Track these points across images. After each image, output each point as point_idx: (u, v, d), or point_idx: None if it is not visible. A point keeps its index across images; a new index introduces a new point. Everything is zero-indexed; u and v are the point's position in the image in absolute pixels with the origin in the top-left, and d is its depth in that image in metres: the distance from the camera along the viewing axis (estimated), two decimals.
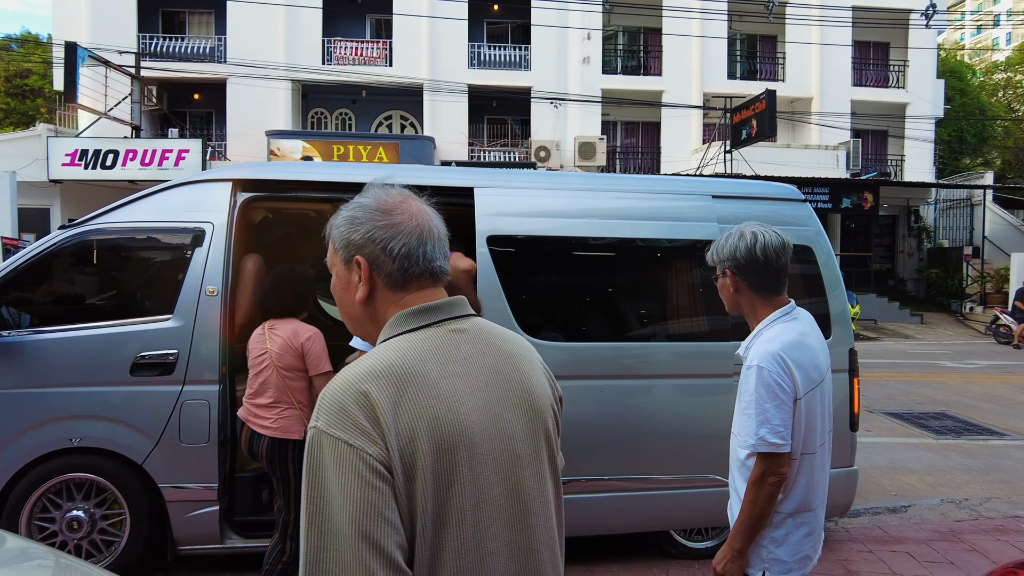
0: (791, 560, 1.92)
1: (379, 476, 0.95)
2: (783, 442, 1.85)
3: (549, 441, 1.15)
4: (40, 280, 3.58)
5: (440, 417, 1.00)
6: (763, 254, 1.97)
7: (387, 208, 1.13)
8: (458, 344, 1.09)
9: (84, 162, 15.44)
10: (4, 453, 3.26)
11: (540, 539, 1.10)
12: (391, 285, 1.12)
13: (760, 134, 16.72)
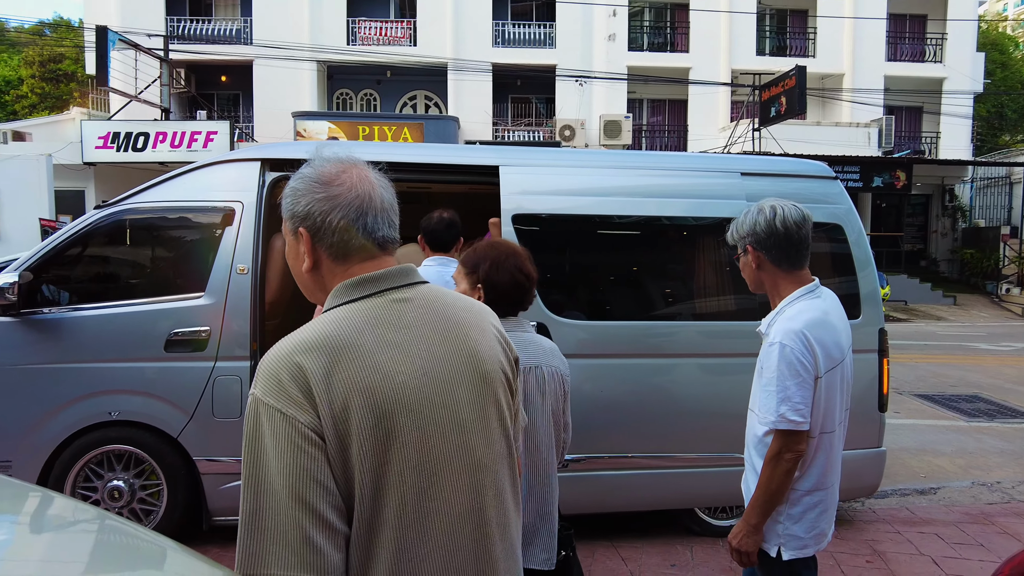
0: (807, 536, 1.93)
1: (311, 443, 0.99)
2: (803, 420, 1.84)
3: (499, 405, 1.16)
4: (77, 259, 3.68)
5: (374, 387, 1.03)
6: (783, 226, 1.94)
7: (326, 179, 1.13)
8: (401, 313, 1.11)
9: (116, 145, 15.74)
10: (49, 425, 3.39)
11: (487, 500, 1.11)
12: (333, 256, 1.14)
13: (789, 111, 16.38)
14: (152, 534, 1.40)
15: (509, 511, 1.18)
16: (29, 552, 1.36)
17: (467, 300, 1.24)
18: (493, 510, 1.13)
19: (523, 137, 20.26)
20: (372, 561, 1.03)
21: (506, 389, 1.20)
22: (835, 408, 1.94)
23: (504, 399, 1.18)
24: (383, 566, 1.03)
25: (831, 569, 3.46)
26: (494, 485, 1.14)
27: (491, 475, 1.13)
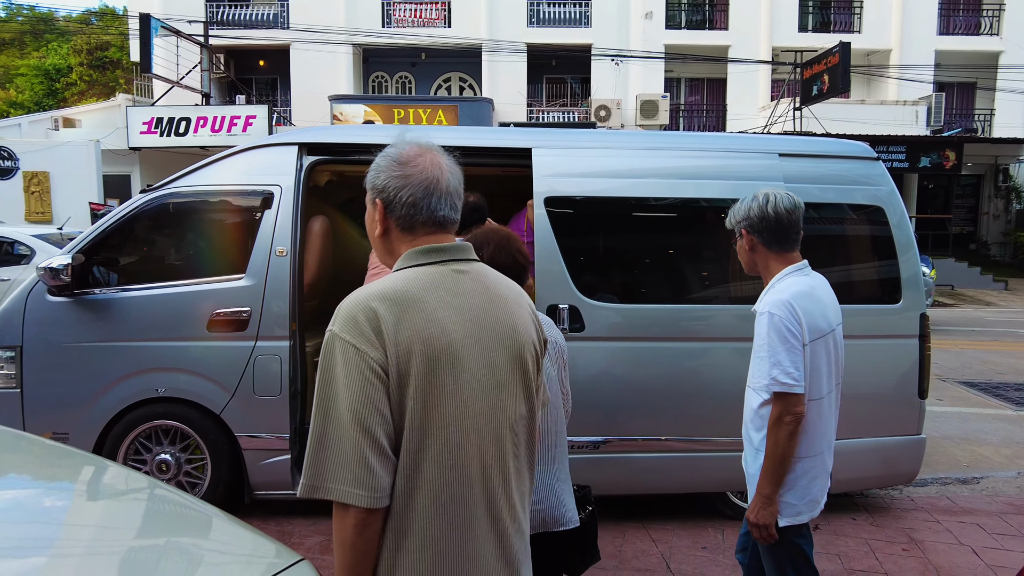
0: (800, 503, 2.05)
1: (377, 376, 1.16)
2: (795, 382, 1.97)
3: (527, 374, 1.33)
4: (125, 241, 3.81)
5: (433, 337, 1.19)
6: (774, 211, 2.11)
7: (403, 160, 1.30)
8: (458, 281, 1.27)
9: (159, 130, 16.14)
10: (102, 400, 3.55)
11: (508, 450, 1.28)
12: (401, 227, 1.31)
13: (832, 90, 15.87)
14: (199, 502, 1.48)
15: (523, 468, 1.34)
16: (86, 517, 1.44)
17: (509, 281, 1.39)
18: (512, 463, 1.29)
19: (558, 118, 20.11)
20: (415, 491, 1.18)
21: (534, 362, 1.35)
22: (821, 377, 2.06)
23: (531, 370, 1.34)
24: (426, 496, 1.18)
25: (865, 556, 3.43)
26: (514, 442, 1.30)
27: (514, 433, 1.30)
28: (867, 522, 3.85)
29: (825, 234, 3.94)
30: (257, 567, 1.17)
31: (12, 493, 1.59)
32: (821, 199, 3.80)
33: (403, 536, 1.19)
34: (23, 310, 3.57)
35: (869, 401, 3.73)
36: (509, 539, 1.28)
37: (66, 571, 1.20)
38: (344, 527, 1.16)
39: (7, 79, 33.12)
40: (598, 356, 3.58)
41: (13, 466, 1.80)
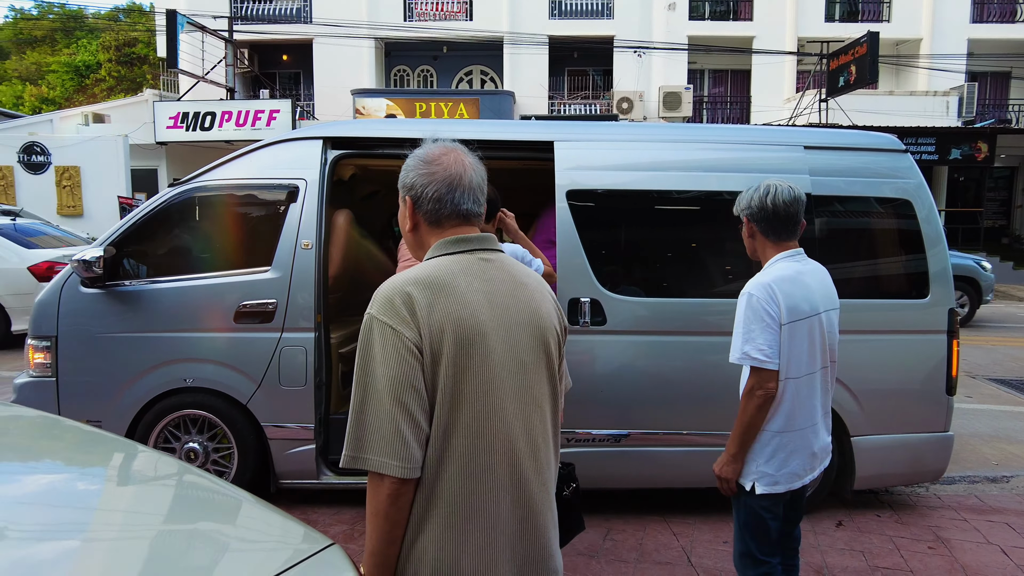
0: (777, 474, 2.20)
1: (412, 355, 1.25)
2: (767, 359, 2.12)
3: (549, 357, 1.41)
4: (154, 234, 3.89)
5: (463, 319, 1.28)
6: (772, 203, 2.24)
7: (429, 159, 1.40)
8: (484, 269, 1.36)
9: (185, 124, 16.38)
10: (133, 389, 3.64)
11: (535, 426, 1.37)
12: (429, 221, 1.41)
13: (860, 81, 15.59)
14: (230, 487, 1.51)
15: (549, 443, 1.42)
16: (120, 501, 1.49)
17: (531, 271, 1.49)
18: (540, 438, 1.38)
19: (579, 110, 20.00)
20: (445, 461, 1.27)
21: (556, 346, 1.44)
22: (802, 357, 2.18)
23: (554, 353, 1.43)
24: (455, 467, 1.27)
25: (890, 554, 3.39)
26: (541, 419, 1.39)
27: (539, 410, 1.39)
28: (892, 519, 3.81)
29: (851, 228, 3.89)
30: (287, 551, 1.20)
31: (47, 478, 1.64)
32: (847, 192, 3.75)
33: (432, 505, 1.27)
34: (58, 301, 3.67)
35: (895, 397, 3.69)
36: (536, 508, 1.35)
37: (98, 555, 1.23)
38: (378, 496, 1.24)
39: (39, 75, 33.81)
40: (620, 350, 3.58)
41: (49, 451, 1.86)
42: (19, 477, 1.63)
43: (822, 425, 2.28)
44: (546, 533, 1.38)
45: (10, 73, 35.15)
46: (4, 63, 36.45)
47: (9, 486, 1.54)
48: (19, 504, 1.40)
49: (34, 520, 1.33)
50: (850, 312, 3.63)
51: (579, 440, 3.59)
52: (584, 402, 3.58)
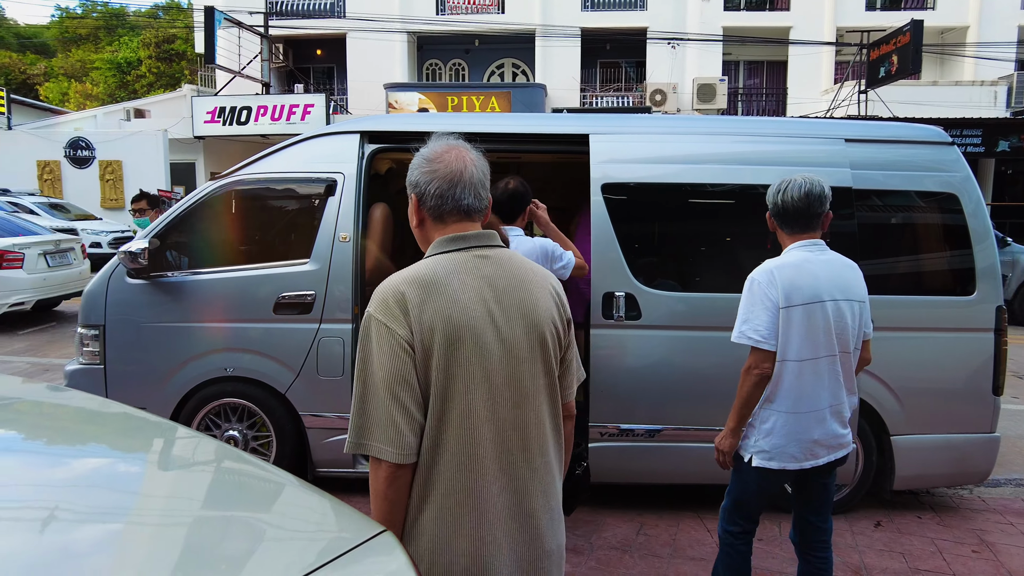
0: (772, 451, 2.31)
1: (404, 351, 1.34)
2: (762, 339, 2.26)
3: (545, 351, 1.47)
4: (195, 227, 3.98)
5: (454, 316, 1.36)
6: (782, 199, 2.37)
7: (431, 157, 1.47)
8: (479, 266, 1.43)
9: (222, 119, 16.68)
10: (175, 377, 3.74)
11: (529, 417, 1.44)
12: (433, 217, 1.49)
13: (902, 71, 15.14)
14: (281, 472, 1.55)
15: (547, 432, 1.49)
16: (165, 485, 1.54)
17: (535, 265, 1.55)
18: (533, 428, 1.45)
19: (612, 103, 19.84)
20: (439, 449, 1.37)
21: (555, 339, 1.49)
22: (801, 342, 2.26)
23: (552, 346, 1.48)
24: (449, 454, 1.36)
25: (932, 556, 3.32)
26: (535, 410, 1.45)
27: (533, 401, 1.45)
28: (934, 521, 3.73)
29: (894, 222, 3.80)
30: (340, 537, 1.22)
31: (94, 461, 1.69)
32: (890, 186, 3.66)
33: (429, 488, 1.37)
34: (105, 291, 3.79)
35: (939, 396, 3.61)
36: (527, 493, 1.43)
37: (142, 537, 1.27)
38: (378, 479, 1.36)
39: (84, 73, 34.78)
40: (654, 344, 3.56)
41: (95, 435, 1.92)
42: (67, 461, 1.69)
43: (830, 414, 2.32)
44: (536, 516, 1.44)
45: (57, 71, 36.22)
46: (51, 61, 37.56)
47: (58, 469, 1.60)
48: (68, 487, 1.45)
49: (82, 503, 1.37)
50: (891, 308, 3.57)
51: (612, 434, 3.59)
52: (618, 397, 3.58)
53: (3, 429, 1.93)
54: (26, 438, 1.86)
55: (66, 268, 9.00)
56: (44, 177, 16.98)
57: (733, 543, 2.49)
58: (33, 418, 2.03)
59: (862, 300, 2.37)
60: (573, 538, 3.43)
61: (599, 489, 3.91)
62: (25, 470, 1.57)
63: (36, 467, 1.61)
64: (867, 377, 3.53)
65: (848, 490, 3.76)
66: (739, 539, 2.48)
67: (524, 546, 1.43)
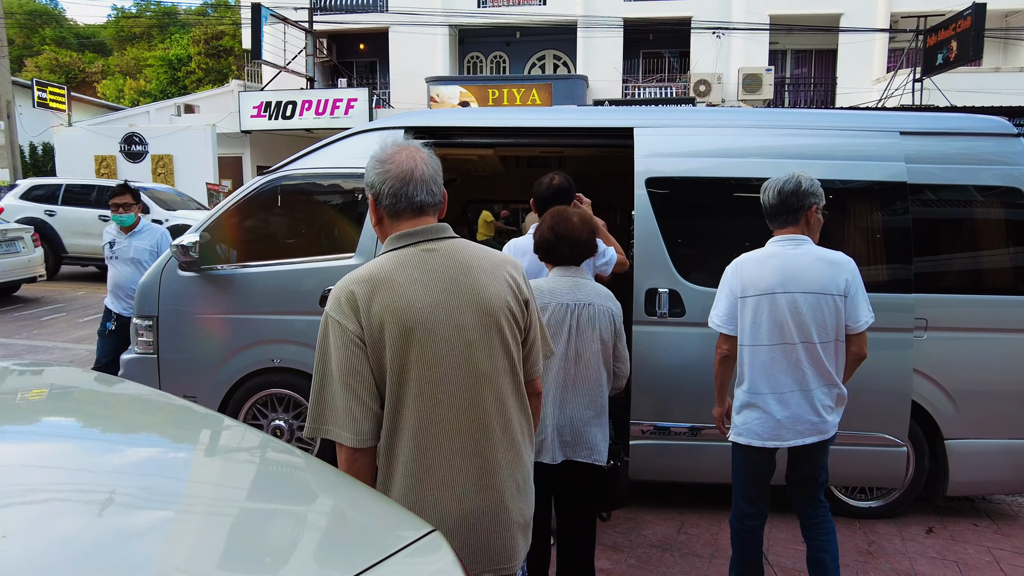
0: (741, 427, 2.56)
1: (356, 345, 1.47)
2: (721, 324, 2.59)
3: (502, 332, 1.56)
4: (244, 221, 4.08)
5: (401, 310, 1.48)
6: (763, 198, 2.61)
7: (383, 158, 1.58)
8: (426, 260, 1.54)
9: (268, 113, 17.04)
10: (225, 367, 3.85)
11: (487, 399, 1.54)
12: (389, 215, 1.59)
13: (961, 57, 14.50)
14: (318, 463, 1.58)
15: (510, 411, 1.58)
16: (212, 474, 1.58)
17: (489, 253, 1.64)
18: (493, 407, 1.54)
19: (654, 94, 19.54)
20: (398, 431, 1.50)
21: (510, 321, 1.59)
22: (755, 329, 2.49)
23: (508, 329, 1.58)
24: (407, 436, 1.49)
25: (988, 566, 3.20)
26: (495, 390, 1.55)
27: (492, 382, 1.55)
28: (990, 529, 3.59)
29: (951, 218, 3.66)
30: (388, 536, 1.23)
31: (147, 450, 1.75)
32: (947, 180, 3.53)
33: (392, 467, 1.51)
34: (159, 283, 3.92)
35: (997, 399, 3.47)
36: (488, 467, 1.53)
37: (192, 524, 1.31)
38: (341, 460, 1.52)
39: (137, 70, 35.95)
40: (698, 342, 3.50)
41: (147, 424, 1.99)
42: (122, 448, 1.75)
43: (795, 398, 2.47)
44: (501, 490, 1.55)
45: (112, 68, 37.53)
46: (107, 59, 38.93)
47: (114, 456, 1.66)
48: (122, 474, 1.51)
49: (136, 489, 1.42)
50: (946, 308, 3.45)
51: (651, 432, 3.55)
52: (660, 394, 3.54)
53: (63, 417, 2.02)
54: (83, 426, 1.94)
55: (13, 256, 9.50)
56: (101, 171, 17.63)
57: (737, 528, 2.65)
58: (89, 407, 2.11)
59: (837, 294, 2.46)
60: (613, 535, 3.42)
61: (641, 487, 3.88)
62: (83, 456, 1.64)
63: (92, 453, 1.68)
64: (918, 378, 3.43)
65: (897, 494, 3.65)
66: (740, 524, 2.63)
67: (489, 519, 1.53)
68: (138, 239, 4.75)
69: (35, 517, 1.24)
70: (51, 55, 35.81)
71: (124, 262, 4.73)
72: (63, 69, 35.25)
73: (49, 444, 1.72)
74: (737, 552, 2.66)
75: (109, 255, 4.79)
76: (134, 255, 4.71)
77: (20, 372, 2.47)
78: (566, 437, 2.47)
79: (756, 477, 2.60)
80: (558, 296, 2.46)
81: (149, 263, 4.44)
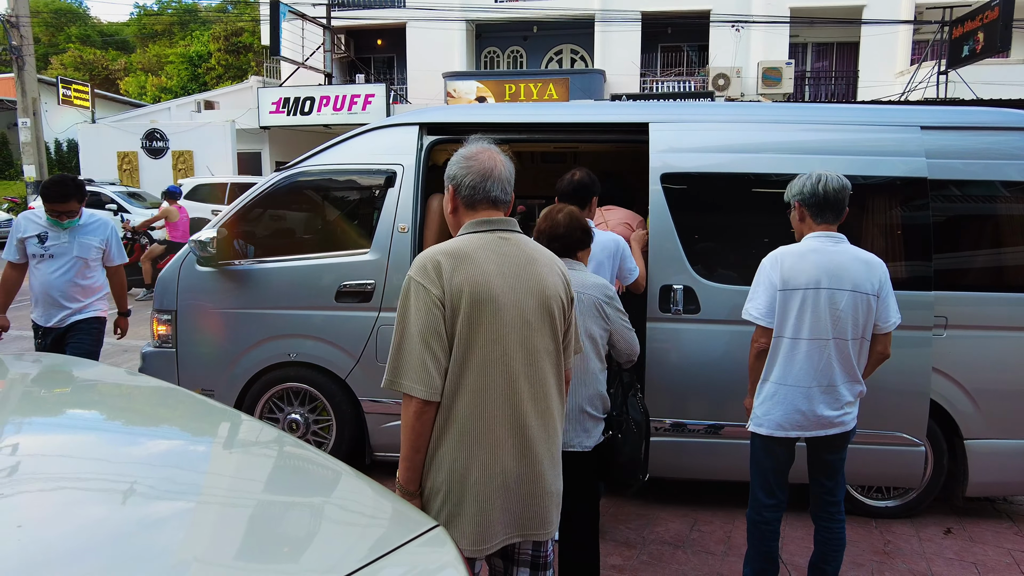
0: (763, 417, 2.57)
1: (437, 307, 1.62)
2: (760, 316, 2.55)
3: (552, 319, 1.75)
4: (261, 217, 4.13)
5: (478, 282, 1.65)
6: (823, 190, 2.56)
7: (468, 155, 1.78)
8: (500, 245, 1.73)
9: (287, 109, 17.15)
10: (242, 361, 3.90)
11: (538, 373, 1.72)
12: (466, 205, 1.78)
13: (988, 49, 14.18)
14: (337, 462, 1.61)
15: (552, 389, 1.76)
16: (229, 468, 1.61)
17: (546, 251, 1.84)
18: (540, 383, 1.72)
19: (672, 88, 19.39)
20: (458, 392, 1.65)
21: (561, 311, 1.78)
22: (795, 322, 2.49)
23: (557, 317, 1.77)
24: (465, 398, 1.64)
25: (1008, 568, 3.15)
26: (544, 368, 1.73)
27: (543, 361, 1.73)
28: (1011, 531, 3.53)
29: (974, 215, 3.60)
30: (392, 531, 1.25)
31: (165, 443, 1.79)
32: (970, 176, 3.47)
33: (448, 424, 1.65)
34: (177, 278, 3.97)
35: (1018, 398, 3.41)
36: (532, 437, 1.69)
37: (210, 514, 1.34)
38: (408, 413, 1.64)
39: (159, 67, 36.40)
40: (714, 339, 3.48)
41: (166, 418, 2.03)
42: (142, 440, 1.80)
43: (818, 393, 2.49)
44: (539, 458, 1.70)
45: (135, 65, 38.03)
46: (130, 56, 39.45)
47: (135, 448, 1.70)
48: (142, 464, 1.55)
49: (156, 480, 1.46)
50: (967, 306, 3.40)
51: (667, 429, 3.54)
52: (676, 392, 3.53)
53: (87, 409, 2.07)
54: (107, 418, 1.99)
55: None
56: (123, 167, 17.91)
57: (754, 519, 2.65)
58: (113, 399, 2.16)
59: (871, 293, 2.50)
60: (625, 531, 3.42)
61: (651, 484, 3.87)
62: (106, 447, 1.68)
63: (116, 444, 1.72)
64: (938, 377, 3.38)
65: (915, 494, 3.61)
66: (759, 515, 2.63)
67: (527, 485, 1.69)
68: (84, 235, 3.84)
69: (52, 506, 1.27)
70: (76, 53, 36.38)
71: (63, 260, 3.80)
72: (87, 67, 35.79)
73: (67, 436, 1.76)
74: (754, 546, 2.67)
75: (37, 251, 3.78)
76: (79, 252, 3.82)
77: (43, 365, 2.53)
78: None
79: (776, 467, 2.61)
80: None
81: (98, 262, 3.93)
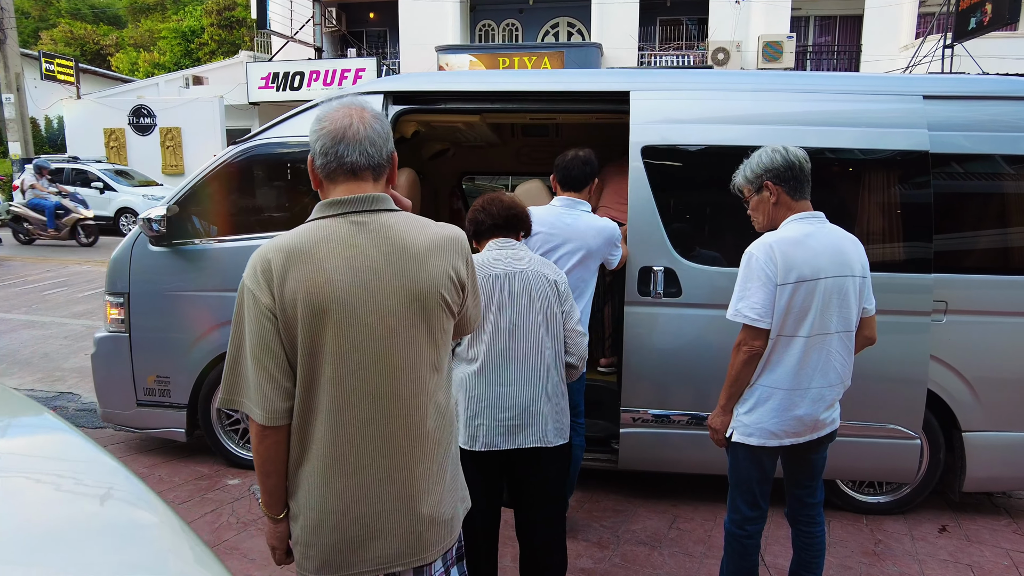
0: (752, 426, 2.24)
1: (268, 319, 1.37)
2: (758, 318, 2.16)
3: (429, 321, 1.44)
4: (217, 193, 3.86)
5: (316, 286, 1.35)
6: (796, 160, 2.24)
7: (320, 116, 1.45)
8: (352, 234, 1.40)
9: (276, 84, 16.81)
10: (199, 346, 3.68)
11: (403, 388, 1.41)
12: (324, 176, 1.46)
13: (996, 21, 13.75)
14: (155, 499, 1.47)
15: (428, 403, 1.45)
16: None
17: (431, 231, 1.47)
18: (410, 399, 1.42)
19: (671, 62, 18.94)
20: (312, 413, 1.40)
21: (442, 309, 1.46)
22: (796, 318, 2.16)
23: (438, 318, 1.45)
24: (320, 418, 1.39)
25: (1006, 570, 2.95)
26: (414, 379, 1.43)
27: (412, 371, 1.42)
28: (1010, 529, 3.33)
29: (978, 191, 3.34)
30: None
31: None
32: (974, 150, 3.21)
33: (305, 446, 1.42)
34: (130, 259, 3.73)
35: (1021, 388, 3.19)
36: (404, 461, 1.42)
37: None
38: (252, 434, 1.43)
39: (152, 42, 35.72)
40: (696, 324, 3.25)
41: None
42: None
43: (819, 394, 2.21)
44: (416, 483, 1.43)
45: (127, 41, 37.33)
46: (122, 31, 38.74)
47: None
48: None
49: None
50: (968, 289, 3.16)
51: (646, 421, 3.32)
52: (654, 380, 3.31)
53: None
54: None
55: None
56: (110, 144, 17.56)
57: (735, 533, 2.36)
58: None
59: (863, 276, 2.25)
60: (599, 529, 3.22)
61: (631, 477, 3.67)
62: None
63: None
64: (936, 365, 3.16)
65: (909, 489, 3.41)
66: (741, 530, 2.34)
67: (400, 512, 1.43)
68: None
69: None
70: (66, 28, 35.68)
71: None
72: (78, 42, 35.13)
73: None
74: (733, 560, 2.39)
75: None
76: None
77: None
78: (509, 422, 2.19)
79: (762, 478, 2.32)
80: (487, 268, 2.25)
81: None
